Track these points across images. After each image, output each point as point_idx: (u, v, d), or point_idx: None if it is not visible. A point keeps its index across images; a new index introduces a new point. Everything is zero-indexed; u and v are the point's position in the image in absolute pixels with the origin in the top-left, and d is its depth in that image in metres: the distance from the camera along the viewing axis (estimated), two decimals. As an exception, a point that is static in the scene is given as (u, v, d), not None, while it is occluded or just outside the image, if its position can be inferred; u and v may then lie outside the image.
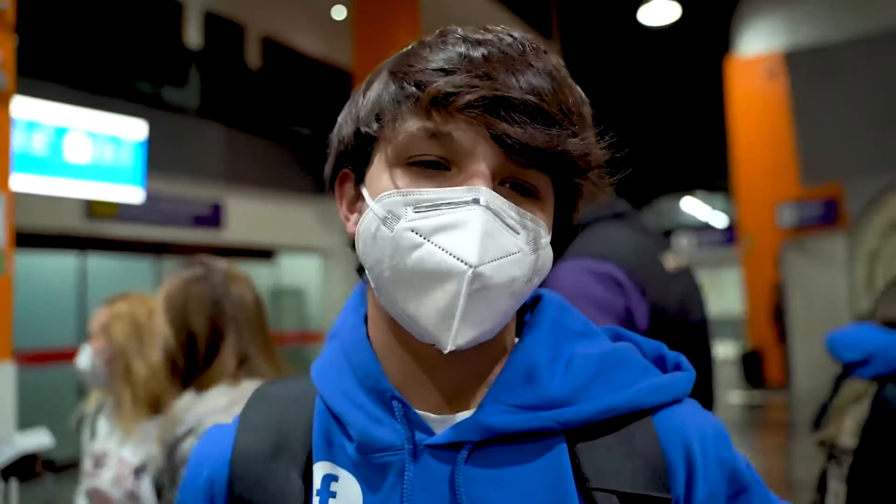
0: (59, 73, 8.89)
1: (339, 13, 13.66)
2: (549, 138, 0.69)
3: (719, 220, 23.69)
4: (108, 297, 2.43)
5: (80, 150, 8.45)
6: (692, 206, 23.51)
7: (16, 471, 3.57)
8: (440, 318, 0.67)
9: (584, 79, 0.82)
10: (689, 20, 12.12)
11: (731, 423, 10.30)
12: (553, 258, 0.78)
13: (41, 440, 3.08)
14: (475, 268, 0.65)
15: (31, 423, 4.61)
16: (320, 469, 0.75)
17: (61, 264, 9.05)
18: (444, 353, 0.68)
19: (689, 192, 22.80)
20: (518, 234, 0.70)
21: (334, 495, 0.74)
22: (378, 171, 0.74)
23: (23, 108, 7.61)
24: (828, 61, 12.83)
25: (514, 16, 13.76)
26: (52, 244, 8.86)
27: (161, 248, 10.24)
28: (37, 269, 8.63)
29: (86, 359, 2.34)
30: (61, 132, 8.24)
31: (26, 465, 3.37)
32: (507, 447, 0.72)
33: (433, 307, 0.67)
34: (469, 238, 0.66)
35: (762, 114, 14.15)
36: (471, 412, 0.74)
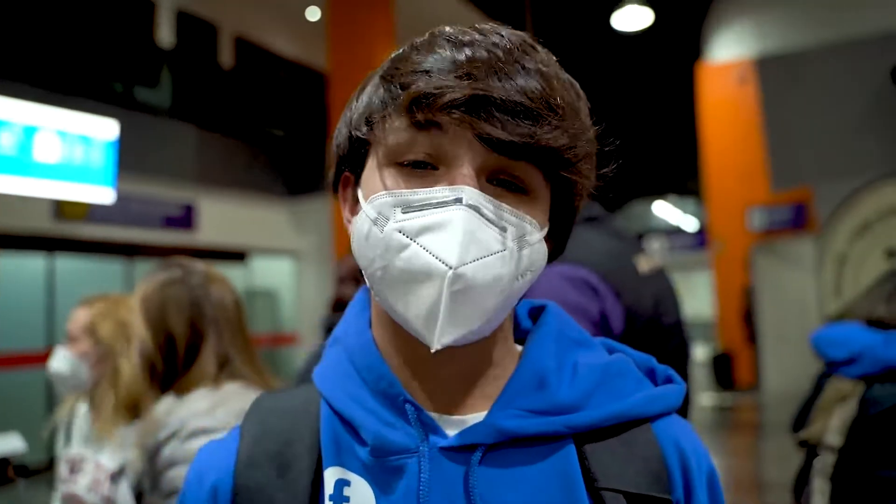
0: (30, 71, 8.76)
1: (313, 14, 13.61)
2: (532, 134, 0.69)
3: (690, 223, 23.91)
4: (83, 298, 2.35)
5: (50, 149, 8.33)
6: (664, 209, 23.71)
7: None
8: (425, 317, 0.68)
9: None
10: (661, 26, 12.22)
11: (702, 425, 10.40)
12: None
13: (14, 445, 3.02)
14: (455, 269, 0.66)
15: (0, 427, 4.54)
16: (332, 474, 0.76)
17: (29, 266, 8.91)
18: (434, 352, 0.69)
19: (660, 196, 22.99)
20: (504, 231, 0.71)
21: (347, 500, 0.74)
22: (370, 173, 0.76)
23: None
24: (797, 68, 13.03)
25: (488, 18, 13.76)
26: (19, 245, 8.73)
27: (132, 249, 10.13)
28: (4, 270, 8.48)
29: (63, 362, 2.25)
30: (31, 131, 8.11)
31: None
32: (519, 449, 0.74)
33: (419, 307, 0.69)
34: (450, 238, 0.67)
35: (733, 119, 14.32)
36: (482, 415, 0.76)
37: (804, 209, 13.08)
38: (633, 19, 11.18)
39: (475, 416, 0.76)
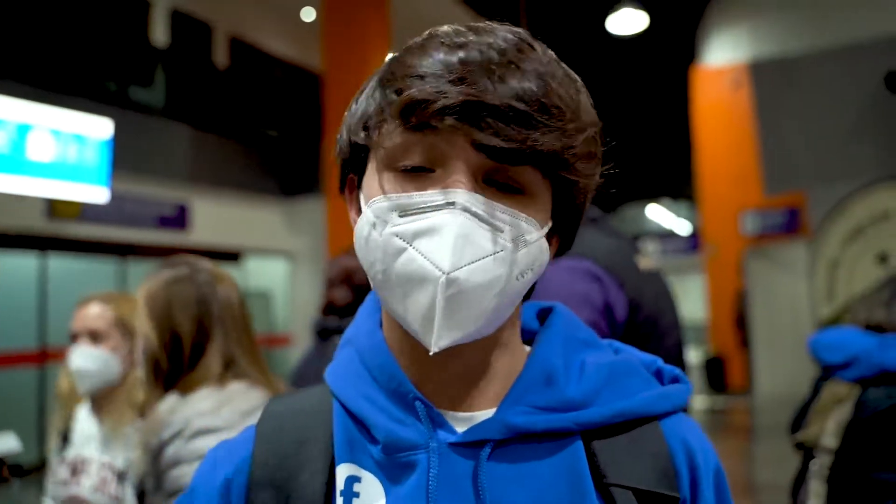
0: (24, 69, 8.74)
1: (308, 14, 13.60)
2: (525, 139, 0.69)
3: (683, 227, 23.95)
4: (93, 296, 2.31)
5: (44, 148, 8.30)
6: (657, 213, 23.75)
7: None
8: (423, 321, 0.69)
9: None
10: (656, 30, 12.26)
11: (695, 428, 10.40)
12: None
13: (9, 444, 3.00)
14: (448, 274, 0.67)
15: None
16: (343, 471, 0.77)
17: (22, 265, 8.88)
18: (434, 353, 0.70)
19: (654, 199, 23.03)
20: (500, 231, 0.71)
21: (357, 495, 0.76)
22: (370, 177, 0.76)
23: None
24: (792, 72, 13.07)
25: (484, 20, 13.74)
26: (12, 244, 8.70)
27: (125, 249, 10.10)
28: (-4, 269, 8.48)
29: (89, 359, 2.17)
30: (24, 129, 8.09)
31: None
32: (527, 446, 0.75)
33: (417, 310, 0.70)
34: (443, 243, 0.68)
35: (727, 123, 14.37)
36: (491, 412, 0.77)
37: (797, 213, 13.13)
38: (627, 23, 11.21)
39: (484, 414, 0.77)
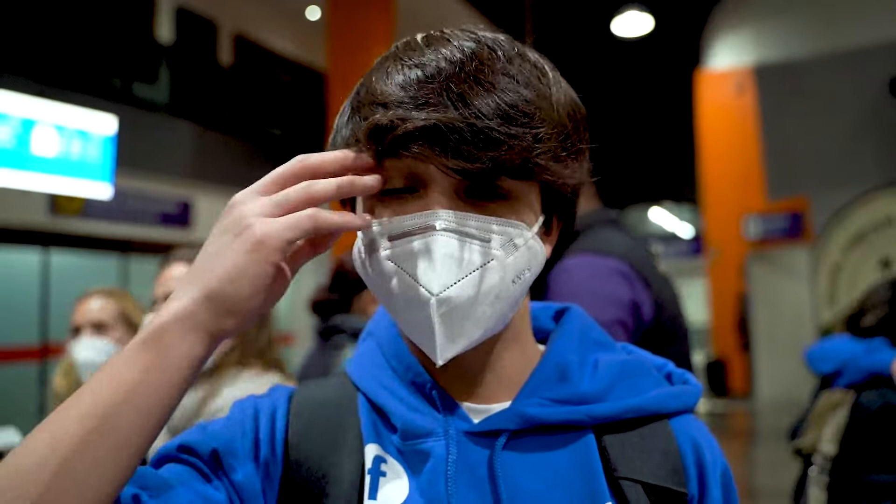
0: (29, 65, 8.74)
1: (313, 13, 13.60)
2: (492, 157, 0.68)
3: (686, 230, 23.93)
4: (95, 290, 2.38)
5: (48, 143, 8.31)
6: (660, 216, 23.72)
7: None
8: (424, 337, 0.72)
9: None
10: (661, 33, 12.25)
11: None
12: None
13: (10, 439, 3.00)
14: (437, 295, 0.69)
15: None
16: (371, 450, 0.78)
17: (24, 260, 8.89)
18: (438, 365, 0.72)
19: (656, 202, 23.01)
20: (488, 242, 0.71)
21: (384, 474, 0.77)
22: (358, 204, 0.80)
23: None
24: (795, 77, 13.07)
25: (489, 22, 13.81)
26: (14, 239, 8.70)
27: (128, 246, 10.10)
28: (-2, 264, 8.49)
29: (94, 350, 2.22)
30: (29, 124, 8.09)
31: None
32: (541, 437, 0.78)
33: (416, 327, 0.72)
34: (430, 266, 0.69)
35: (730, 127, 14.36)
36: (506, 404, 0.79)
37: (800, 218, 13.11)
38: (633, 25, 11.20)
39: (499, 406, 0.80)
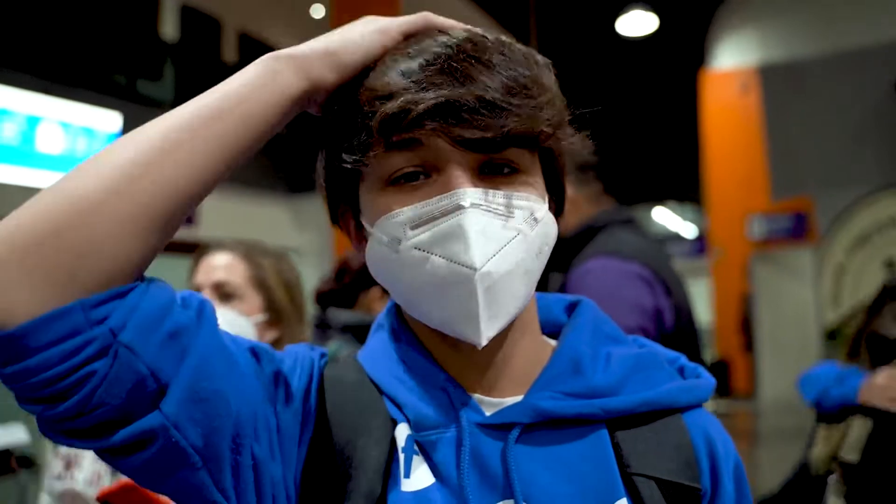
0: (33, 62, 8.76)
1: (317, 12, 13.60)
2: (502, 125, 0.71)
3: (689, 230, 23.89)
4: (219, 243, 2.00)
5: (53, 140, 8.33)
6: (663, 216, 23.69)
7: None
8: (466, 320, 0.72)
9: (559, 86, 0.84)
10: (665, 32, 12.23)
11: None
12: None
13: (16, 436, 3.01)
14: (479, 270, 0.69)
15: (3, 419, 4.52)
16: (403, 429, 0.78)
17: (28, 256, 8.89)
18: (481, 347, 0.73)
19: (660, 202, 22.97)
20: (513, 216, 0.73)
21: (417, 452, 0.76)
22: (368, 199, 0.78)
23: (-6, 95, 7.50)
24: (800, 77, 13.05)
25: (493, 20, 13.81)
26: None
27: (131, 242, 10.11)
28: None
29: (228, 323, 1.82)
30: (34, 121, 8.11)
31: (1, 461, 3.30)
32: (554, 431, 0.77)
33: (456, 312, 0.72)
34: (466, 243, 0.70)
35: (735, 127, 14.32)
36: (518, 398, 0.79)
37: (804, 219, 13.09)
38: (637, 24, 11.18)
39: (511, 399, 0.79)
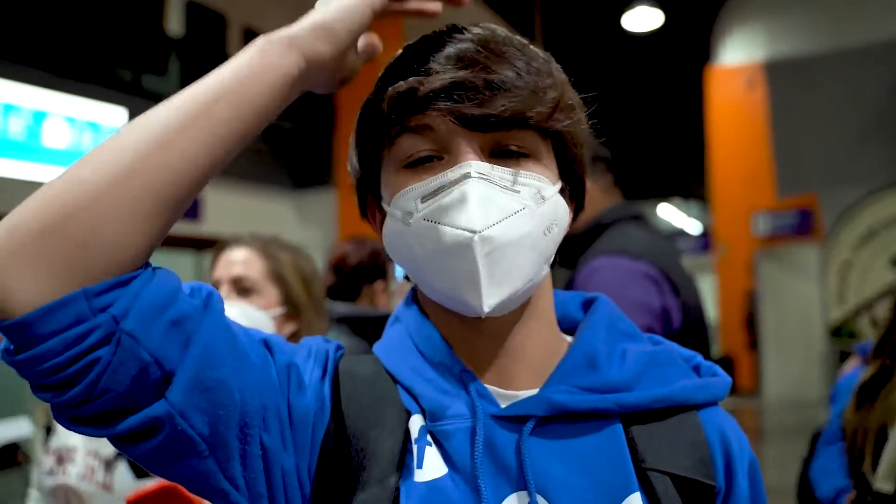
0: (39, 57, 8.77)
1: (323, 7, 13.59)
2: (508, 103, 0.74)
3: (694, 227, 23.86)
4: (236, 237, 1.89)
5: (59, 135, 8.34)
6: (668, 212, 23.66)
7: (-3, 460, 3.50)
8: (468, 286, 0.73)
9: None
10: (671, 28, 12.20)
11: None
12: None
13: (24, 429, 3.03)
14: (480, 232, 0.71)
15: (7, 413, 4.53)
16: (417, 420, 0.79)
17: (34, 251, 8.90)
18: (483, 325, 0.76)
19: (665, 198, 22.94)
20: (518, 192, 0.75)
21: (430, 444, 0.77)
22: (387, 183, 0.81)
23: (0, 90, 7.51)
24: (806, 73, 13.00)
25: (498, 17, 13.80)
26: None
27: (136, 237, 10.12)
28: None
29: (246, 317, 1.77)
30: (40, 116, 8.13)
31: (7, 455, 3.32)
32: (568, 425, 0.78)
33: (459, 279, 0.73)
34: (469, 208, 0.72)
35: (740, 123, 14.28)
36: (534, 391, 0.80)
37: (810, 215, 13.05)
38: (643, 20, 11.16)
39: (527, 392, 0.80)
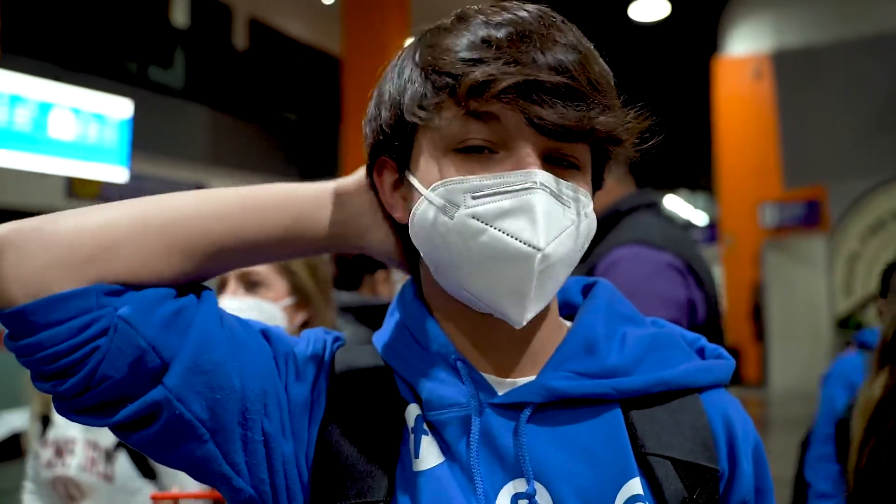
0: (46, 48, 8.78)
1: (328, -2, 13.57)
2: (581, 117, 0.71)
3: (701, 218, 23.82)
4: None
5: (65, 126, 8.35)
6: (674, 203, 23.62)
7: (1, 450, 3.52)
8: (512, 297, 0.72)
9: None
10: (678, 18, 12.15)
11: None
12: (600, 231, 0.84)
13: (26, 421, 3.04)
14: (543, 250, 0.69)
15: (8, 405, 4.55)
16: (413, 410, 0.79)
17: (41, 242, 8.92)
18: (499, 322, 0.75)
19: (671, 189, 22.89)
20: (569, 207, 0.74)
21: (427, 433, 0.77)
22: (426, 161, 0.76)
23: (7, 81, 7.51)
24: (814, 64, 12.92)
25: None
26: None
27: (143, 228, 10.14)
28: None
29: (252, 313, 1.90)
30: (46, 108, 8.13)
31: (11, 445, 3.34)
32: (567, 411, 0.77)
33: (504, 288, 0.72)
34: (535, 222, 0.70)
35: (747, 114, 14.21)
36: (532, 378, 0.79)
37: (817, 206, 13.00)
38: (650, 10, 11.13)
39: (525, 379, 0.79)
